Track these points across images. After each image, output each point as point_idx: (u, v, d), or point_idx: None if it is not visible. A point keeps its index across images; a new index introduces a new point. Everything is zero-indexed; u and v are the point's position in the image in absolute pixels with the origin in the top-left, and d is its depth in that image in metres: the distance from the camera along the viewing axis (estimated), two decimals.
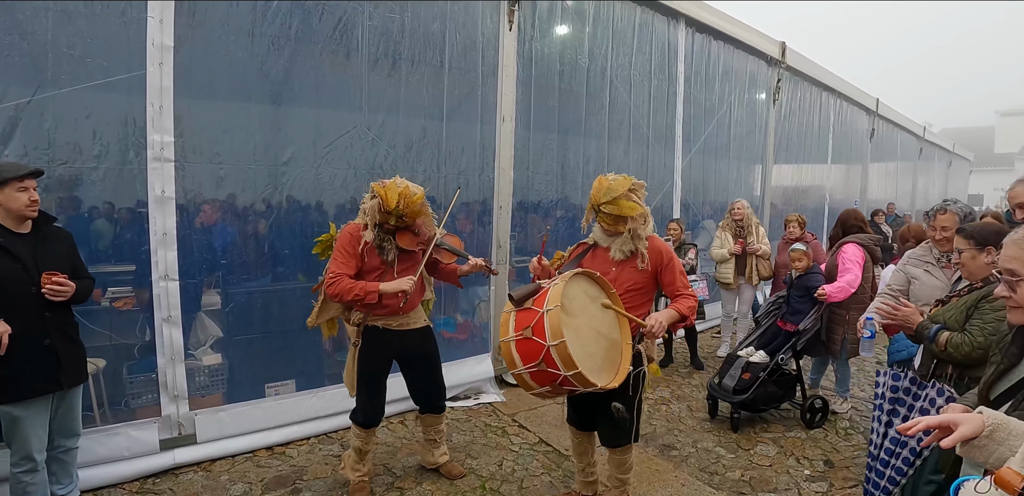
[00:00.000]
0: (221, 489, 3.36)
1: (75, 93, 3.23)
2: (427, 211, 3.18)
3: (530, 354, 2.49)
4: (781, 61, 8.11)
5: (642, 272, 2.88)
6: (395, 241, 3.06)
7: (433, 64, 4.50)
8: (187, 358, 3.66)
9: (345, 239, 3.05)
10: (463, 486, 3.45)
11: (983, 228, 2.52)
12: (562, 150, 5.67)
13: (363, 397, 3.23)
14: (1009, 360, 1.59)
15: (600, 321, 2.74)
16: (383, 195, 2.95)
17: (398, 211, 2.95)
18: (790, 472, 3.71)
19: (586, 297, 2.73)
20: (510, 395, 4.88)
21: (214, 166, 3.73)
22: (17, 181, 2.57)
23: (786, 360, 4.26)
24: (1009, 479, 1.14)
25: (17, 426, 2.63)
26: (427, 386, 3.40)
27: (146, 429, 3.49)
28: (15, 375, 2.57)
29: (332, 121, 4.09)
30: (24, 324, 2.57)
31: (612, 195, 2.74)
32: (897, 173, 15.69)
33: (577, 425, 3.15)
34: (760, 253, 5.66)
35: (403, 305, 3.08)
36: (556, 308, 2.44)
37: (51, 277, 2.62)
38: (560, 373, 2.44)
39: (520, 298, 2.58)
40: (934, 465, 2.29)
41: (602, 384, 2.54)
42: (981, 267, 2.48)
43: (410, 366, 3.35)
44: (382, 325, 3.16)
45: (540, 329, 2.45)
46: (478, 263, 3.25)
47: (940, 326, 2.42)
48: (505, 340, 2.58)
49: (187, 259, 3.60)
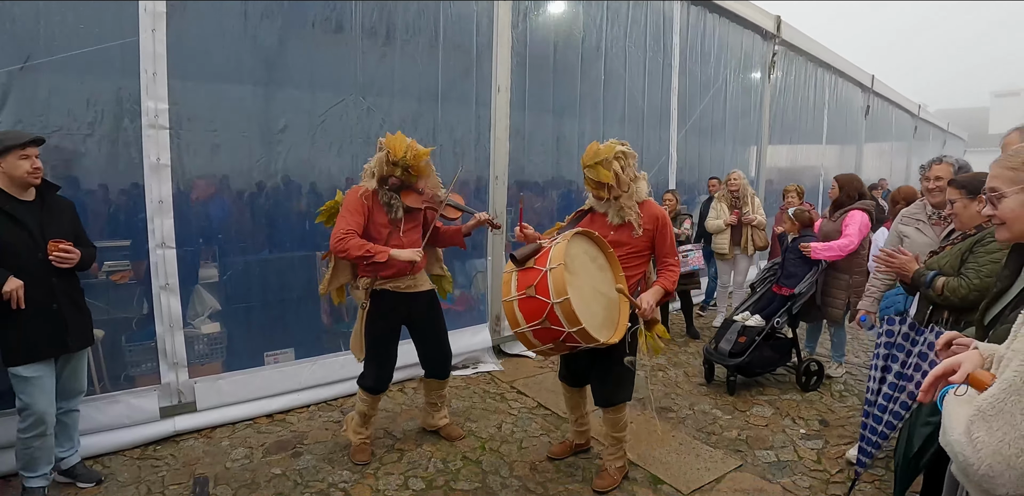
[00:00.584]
0: (222, 454, 3.39)
1: (68, 60, 3.19)
2: (432, 172, 3.21)
3: (533, 312, 2.52)
4: (776, 35, 8.07)
5: (639, 236, 2.91)
6: (400, 199, 3.07)
7: (427, 34, 4.47)
8: (185, 327, 3.67)
9: (351, 199, 3.06)
10: (463, 447, 3.49)
11: (973, 178, 2.55)
12: (557, 124, 5.65)
13: (373, 363, 3.25)
14: (1002, 282, 1.61)
15: (599, 280, 2.77)
16: (391, 145, 2.97)
17: (404, 162, 2.96)
18: (786, 431, 3.77)
19: (586, 257, 2.77)
20: (508, 365, 4.91)
21: (209, 134, 3.71)
22: (19, 149, 2.60)
23: (781, 324, 4.30)
24: (982, 378, 1.22)
25: (28, 387, 2.67)
26: (435, 351, 3.42)
27: (146, 397, 3.51)
28: (25, 338, 2.63)
29: (327, 90, 4.06)
30: (33, 290, 2.62)
31: (595, 159, 2.79)
32: (892, 153, 15.70)
33: (569, 381, 3.21)
34: (756, 223, 5.69)
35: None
36: (559, 266, 2.47)
37: (58, 244, 2.68)
38: (564, 330, 2.48)
39: (523, 258, 2.61)
40: (931, 407, 2.32)
41: (603, 340, 2.58)
42: (973, 216, 2.51)
43: (418, 332, 3.38)
44: (391, 288, 3.18)
45: (543, 287, 2.48)
46: (483, 217, 3.27)
47: (936, 272, 2.44)
48: (508, 299, 2.61)
49: (184, 227, 3.59)
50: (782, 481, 3.18)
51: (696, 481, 3.17)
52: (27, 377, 2.66)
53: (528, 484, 3.11)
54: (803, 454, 3.48)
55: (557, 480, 3.16)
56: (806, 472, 3.28)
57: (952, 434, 1.17)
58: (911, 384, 2.39)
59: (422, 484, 3.10)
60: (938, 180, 3.05)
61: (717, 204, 5.88)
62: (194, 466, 3.25)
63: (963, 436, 1.13)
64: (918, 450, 2.35)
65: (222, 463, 3.28)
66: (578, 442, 3.41)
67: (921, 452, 2.35)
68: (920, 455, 2.35)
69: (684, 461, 3.38)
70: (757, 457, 3.44)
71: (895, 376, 2.47)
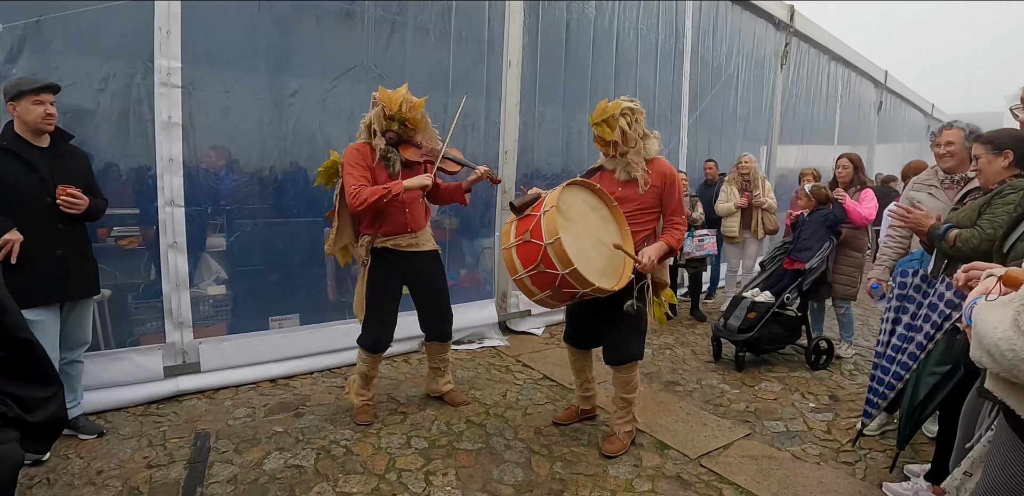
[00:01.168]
0: (224, 413, 3.37)
1: (84, 15, 3.20)
2: (428, 124, 3.19)
3: (529, 257, 2.55)
4: (789, 25, 8.03)
5: (646, 193, 2.89)
6: (399, 153, 3.05)
7: (440, 7, 4.46)
8: (192, 288, 3.66)
9: (353, 156, 3.03)
10: (467, 411, 3.46)
11: (1000, 133, 2.51)
12: (569, 112, 5.60)
13: (373, 320, 3.21)
14: (1022, 208, 1.57)
15: (601, 230, 2.76)
16: (386, 99, 2.94)
17: (400, 116, 2.94)
18: (795, 405, 3.71)
19: (586, 206, 2.77)
20: (514, 341, 4.88)
21: (221, 95, 3.71)
22: (33, 94, 2.61)
23: (791, 299, 4.25)
24: (1016, 275, 1.21)
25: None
26: (434, 312, 3.37)
27: (150, 355, 3.49)
28: (26, 282, 2.60)
29: (338, 55, 4.06)
30: (38, 233, 2.63)
31: (602, 117, 2.79)
32: (904, 155, 15.57)
33: (575, 343, 3.17)
34: (766, 206, 5.64)
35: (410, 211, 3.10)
36: (552, 209, 2.50)
37: (66, 189, 2.69)
38: (558, 272, 2.48)
39: (521, 206, 2.66)
40: (938, 357, 2.29)
41: (602, 285, 2.56)
42: (998, 171, 2.47)
43: (419, 292, 3.33)
44: (392, 245, 3.15)
45: (538, 231, 2.52)
46: (482, 170, 3.22)
47: (950, 225, 2.40)
48: (507, 247, 2.65)
49: (193, 186, 3.59)
50: (791, 449, 3.13)
51: (703, 447, 3.12)
52: (28, 320, 2.63)
53: (532, 446, 3.07)
54: (813, 425, 3.42)
55: (562, 443, 3.12)
56: (816, 441, 3.22)
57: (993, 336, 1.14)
58: (920, 335, 2.34)
59: (424, 443, 3.06)
60: (949, 145, 2.99)
61: (727, 187, 5.84)
62: (196, 423, 3.23)
63: (1011, 331, 1.10)
64: (923, 399, 2.32)
65: (224, 420, 3.26)
66: (584, 408, 3.37)
67: (926, 401, 2.32)
68: (925, 404, 2.32)
69: (691, 429, 3.33)
70: (766, 427, 3.39)
71: (904, 327, 2.43)
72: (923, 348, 2.32)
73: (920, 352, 2.33)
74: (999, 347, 1.11)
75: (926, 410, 2.32)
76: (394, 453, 2.95)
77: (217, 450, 2.93)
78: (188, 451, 2.91)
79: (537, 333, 5.08)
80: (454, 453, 2.97)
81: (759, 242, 5.87)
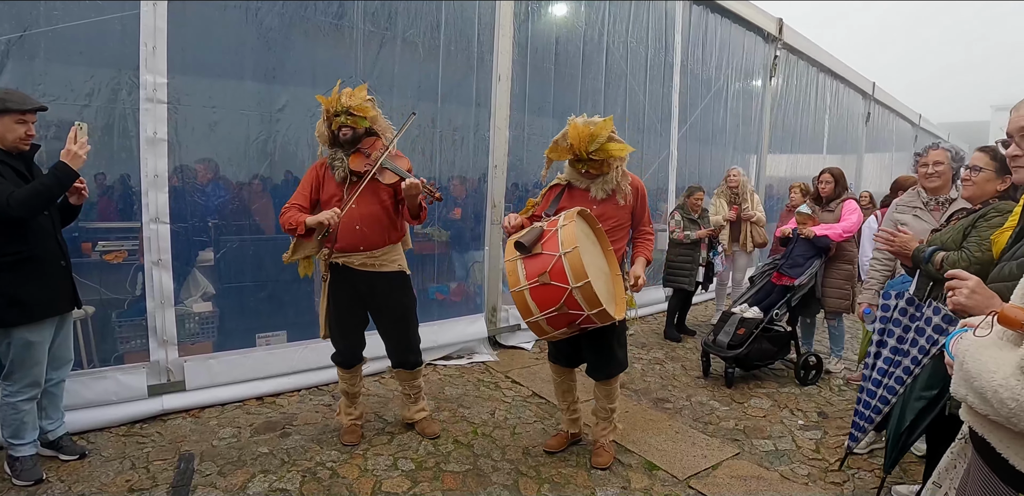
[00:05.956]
0: (210, 433, 3.32)
1: (68, 30, 3.18)
2: (380, 119, 3.06)
3: (549, 300, 2.42)
4: (778, 37, 8.10)
5: (622, 208, 2.89)
6: (347, 161, 2.97)
7: (429, 21, 4.46)
8: (177, 305, 3.62)
9: (307, 172, 3.07)
10: (455, 431, 3.42)
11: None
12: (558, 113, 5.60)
13: (336, 336, 3.16)
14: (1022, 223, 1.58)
15: (597, 256, 2.74)
16: (324, 100, 2.93)
17: (341, 106, 2.86)
18: (784, 422, 3.70)
19: (582, 234, 2.72)
20: (503, 356, 4.85)
21: (207, 110, 3.68)
22: (19, 113, 2.56)
23: (780, 316, 4.25)
24: (1014, 315, 1.10)
25: (30, 351, 2.65)
26: (395, 339, 3.22)
27: (134, 374, 3.44)
28: (36, 296, 2.60)
29: (327, 69, 4.04)
30: (42, 245, 2.63)
31: (600, 142, 2.69)
32: (892, 165, 15.69)
33: (561, 362, 3.14)
34: (755, 220, 5.66)
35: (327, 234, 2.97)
36: (575, 250, 2.37)
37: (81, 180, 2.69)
38: (583, 313, 2.41)
39: (530, 244, 2.49)
40: (925, 381, 2.28)
41: (617, 316, 2.57)
42: (987, 192, 2.47)
43: (381, 317, 3.18)
44: (343, 262, 3.04)
45: (559, 273, 2.38)
46: (413, 182, 2.84)
47: (936, 247, 2.41)
48: (517, 289, 2.47)
49: (178, 203, 3.56)
50: (780, 469, 3.12)
51: (692, 468, 3.10)
52: (31, 341, 2.63)
53: (520, 467, 3.05)
54: (801, 444, 3.41)
55: (550, 464, 3.09)
56: (804, 461, 3.21)
57: (991, 381, 1.07)
58: (907, 359, 2.34)
59: (411, 465, 3.03)
60: (936, 165, 2.98)
61: (716, 200, 5.86)
62: (180, 443, 3.18)
63: (1014, 379, 1.04)
64: (910, 424, 2.31)
65: (209, 441, 3.22)
66: (572, 432, 3.30)
67: (913, 427, 2.31)
68: (912, 429, 2.31)
69: (680, 448, 3.32)
70: (755, 446, 3.38)
71: (890, 351, 2.42)
72: (910, 373, 2.32)
73: (907, 376, 2.33)
74: (998, 394, 1.06)
75: (912, 435, 2.32)
76: (380, 475, 2.91)
77: (201, 472, 2.88)
78: (171, 474, 2.86)
79: (527, 347, 5.06)
80: (441, 475, 2.94)
81: (748, 255, 5.88)
